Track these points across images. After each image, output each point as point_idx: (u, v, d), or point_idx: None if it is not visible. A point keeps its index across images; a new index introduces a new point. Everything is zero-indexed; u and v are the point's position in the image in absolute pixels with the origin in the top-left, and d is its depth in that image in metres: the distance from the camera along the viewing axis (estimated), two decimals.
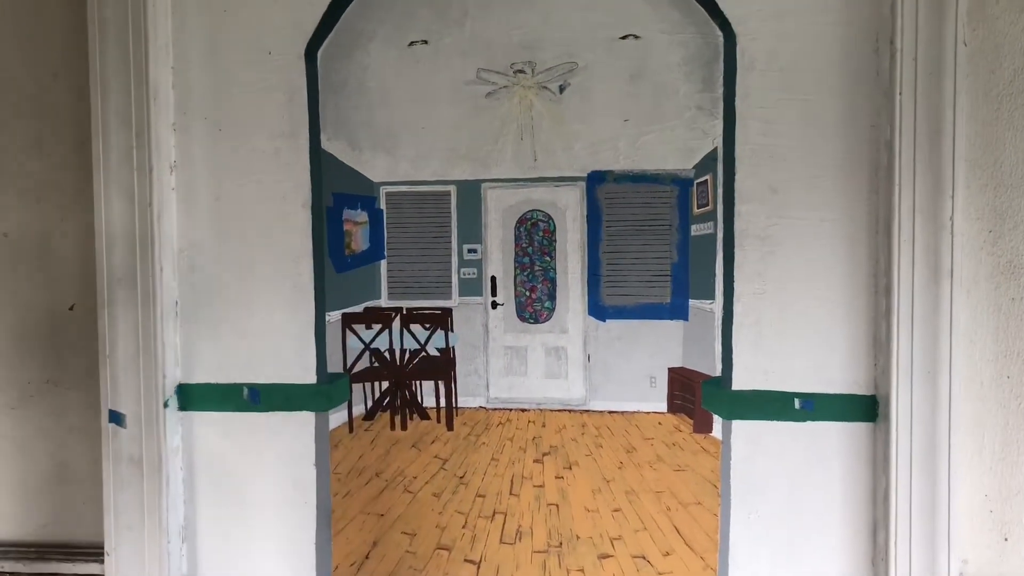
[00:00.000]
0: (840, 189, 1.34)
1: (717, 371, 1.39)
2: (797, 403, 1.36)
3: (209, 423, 1.45)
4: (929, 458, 1.29)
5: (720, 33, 1.36)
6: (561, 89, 1.39)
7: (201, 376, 1.45)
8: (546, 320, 1.44)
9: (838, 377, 1.36)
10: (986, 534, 1.37)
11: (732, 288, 1.37)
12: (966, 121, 1.31)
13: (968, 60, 1.31)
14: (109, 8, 1.37)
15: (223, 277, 1.44)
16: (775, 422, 1.37)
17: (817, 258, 1.35)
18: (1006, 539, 1.37)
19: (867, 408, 1.35)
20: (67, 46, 1.44)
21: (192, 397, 1.44)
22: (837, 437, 1.36)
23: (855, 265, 1.34)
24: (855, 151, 1.34)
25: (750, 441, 1.38)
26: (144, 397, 1.40)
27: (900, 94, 1.29)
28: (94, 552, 1.47)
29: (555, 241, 1.43)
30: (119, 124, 1.39)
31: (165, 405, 1.41)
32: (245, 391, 1.44)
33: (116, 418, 1.41)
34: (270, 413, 1.44)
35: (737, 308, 1.37)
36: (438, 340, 1.43)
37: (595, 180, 1.40)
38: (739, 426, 1.38)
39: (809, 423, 1.36)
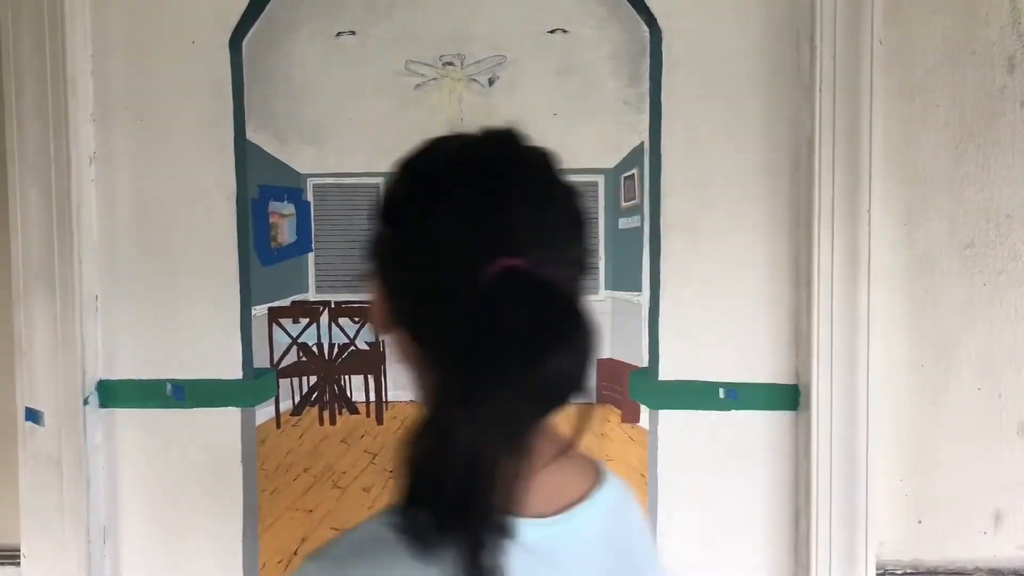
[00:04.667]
0: (763, 183, 1.37)
1: (644, 362, 1.40)
2: (722, 392, 1.39)
3: (132, 420, 1.41)
4: (848, 445, 1.33)
5: (646, 29, 1.37)
6: (490, 82, 1.39)
7: (123, 372, 1.41)
8: None
9: (761, 367, 1.39)
10: (902, 517, 1.41)
11: (659, 281, 1.39)
12: (883, 118, 1.34)
13: (885, 58, 1.35)
14: None
15: (145, 271, 1.40)
16: (701, 411, 1.39)
17: (741, 251, 1.38)
18: (920, 521, 1.42)
19: (789, 397, 1.38)
20: None
21: (114, 394, 1.41)
22: (761, 425, 1.39)
23: (777, 258, 1.37)
24: (777, 146, 1.37)
25: (677, 430, 1.40)
26: (63, 394, 1.36)
27: (820, 90, 1.32)
28: (10, 555, 1.42)
29: None
30: (35, 115, 1.34)
31: (85, 402, 1.37)
32: (169, 387, 1.41)
33: (33, 416, 1.36)
34: (195, 409, 1.40)
35: (663, 300, 1.39)
36: (367, 334, 1.42)
37: None
38: (666, 415, 1.40)
39: (734, 412, 1.39)
